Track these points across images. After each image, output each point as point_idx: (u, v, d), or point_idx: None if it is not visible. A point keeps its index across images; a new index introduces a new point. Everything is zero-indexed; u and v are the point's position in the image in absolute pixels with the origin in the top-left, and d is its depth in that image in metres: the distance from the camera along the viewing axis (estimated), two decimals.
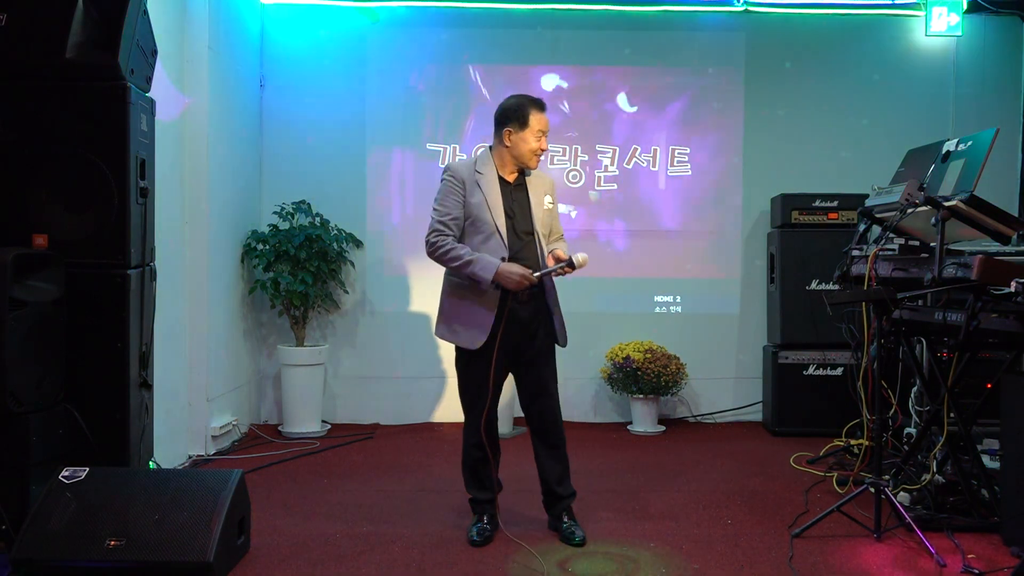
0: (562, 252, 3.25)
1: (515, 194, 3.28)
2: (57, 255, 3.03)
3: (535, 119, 3.22)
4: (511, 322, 3.19)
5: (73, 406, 3.04)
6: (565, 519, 3.30)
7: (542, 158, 3.37)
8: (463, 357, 3.29)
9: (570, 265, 3.17)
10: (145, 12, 3.25)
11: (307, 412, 5.19)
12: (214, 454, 4.61)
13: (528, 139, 3.21)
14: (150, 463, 3.31)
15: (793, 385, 5.16)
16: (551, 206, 3.35)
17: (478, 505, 3.36)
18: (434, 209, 3.25)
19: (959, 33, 5.49)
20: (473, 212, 3.20)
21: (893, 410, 4.16)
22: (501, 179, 3.28)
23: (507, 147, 3.25)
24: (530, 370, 3.29)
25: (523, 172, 3.33)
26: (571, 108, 5.65)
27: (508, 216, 3.23)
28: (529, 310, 3.23)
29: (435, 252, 3.20)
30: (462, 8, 5.56)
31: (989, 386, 3.68)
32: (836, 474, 4.12)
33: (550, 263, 3.24)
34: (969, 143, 3.42)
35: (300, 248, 5.07)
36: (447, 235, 3.19)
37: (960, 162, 3.38)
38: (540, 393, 3.30)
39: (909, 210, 3.41)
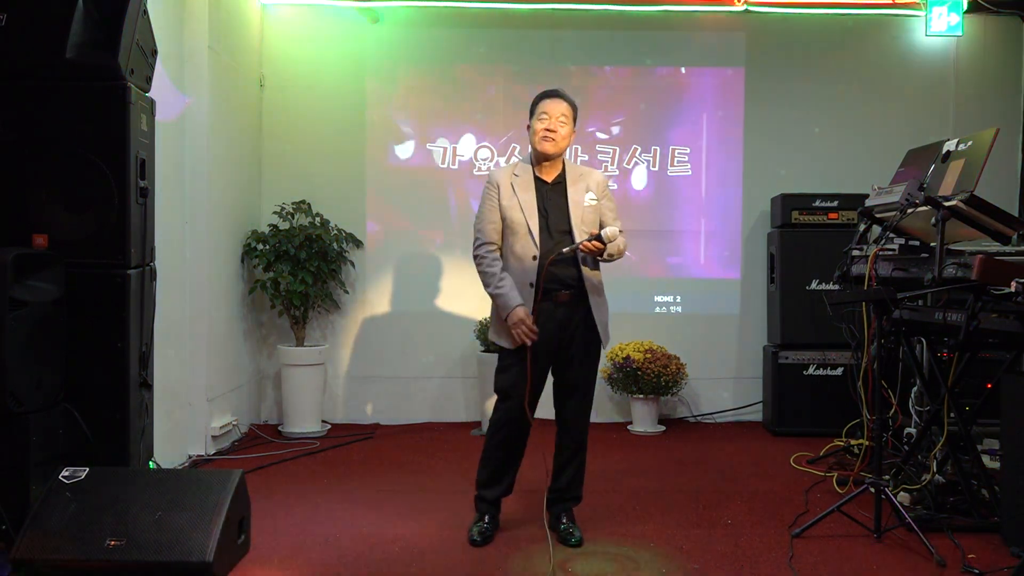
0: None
1: (551, 193, 3.26)
2: (57, 255, 3.02)
3: (538, 106, 3.27)
4: (547, 322, 3.17)
5: (73, 406, 3.03)
6: (564, 520, 3.31)
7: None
8: (502, 356, 3.29)
9: (599, 240, 3.11)
10: (145, 12, 3.25)
11: (307, 412, 5.18)
12: (214, 454, 4.61)
13: (534, 124, 3.26)
14: (150, 463, 3.31)
15: (793, 385, 5.16)
16: (594, 202, 3.26)
17: (483, 504, 3.36)
18: (476, 218, 3.33)
19: (959, 33, 5.48)
20: (507, 214, 3.23)
21: (893, 410, 4.16)
22: (538, 179, 3.28)
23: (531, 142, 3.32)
24: (566, 371, 3.28)
25: (564, 171, 3.31)
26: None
27: (542, 215, 3.22)
28: (565, 311, 3.21)
29: (477, 266, 3.28)
30: (462, 8, 5.56)
31: (989, 386, 3.69)
32: (836, 474, 4.13)
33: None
34: (969, 143, 3.42)
35: (300, 248, 5.07)
36: (485, 244, 3.25)
37: (960, 162, 3.38)
38: (571, 394, 3.30)
39: (909, 210, 3.41)
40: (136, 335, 3.15)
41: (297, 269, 5.08)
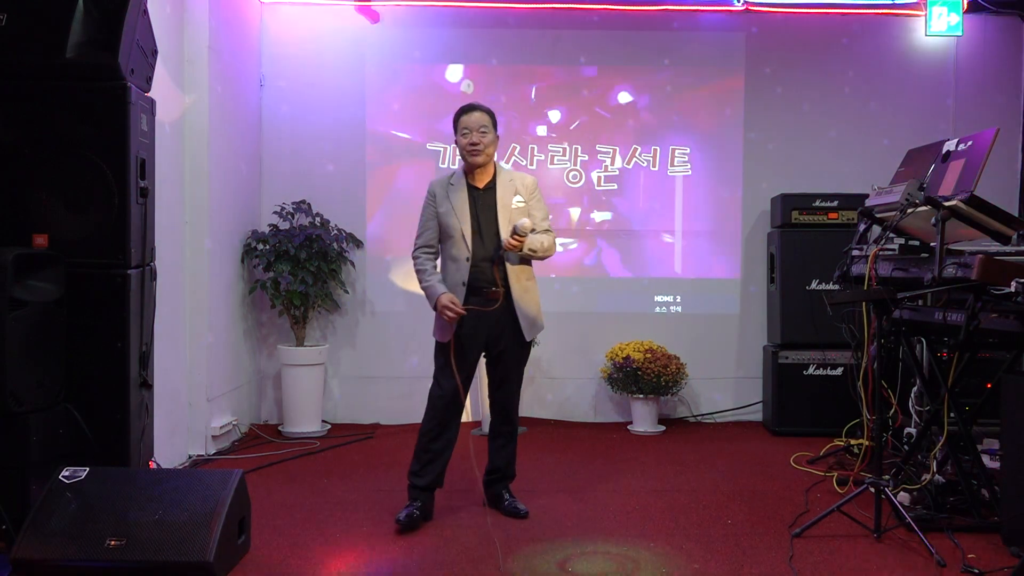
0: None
1: (483, 198, 3.50)
2: (57, 255, 3.03)
3: (459, 122, 3.50)
4: (478, 319, 3.42)
5: (73, 406, 3.04)
6: (506, 496, 3.60)
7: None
8: (437, 349, 3.52)
9: (517, 233, 3.33)
10: (145, 12, 3.25)
11: (307, 412, 5.19)
12: (214, 454, 4.61)
13: (459, 140, 3.50)
14: (150, 463, 3.31)
15: (793, 385, 5.16)
16: (522, 204, 3.50)
17: (413, 491, 3.49)
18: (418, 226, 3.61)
19: (959, 33, 5.48)
20: (443, 220, 3.50)
21: (893, 410, 4.16)
22: (471, 186, 3.52)
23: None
24: (497, 365, 3.56)
25: (495, 176, 3.53)
26: (571, 108, 5.65)
27: (474, 219, 3.47)
28: (497, 309, 3.42)
29: (414, 267, 3.58)
30: (462, 8, 5.56)
31: (989, 386, 3.68)
32: (836, 474, 4.13)
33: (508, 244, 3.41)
34: (969, 143, 3.42)
35: (300, 248, 5.07)
36: (421, 248, 3.55)
37: (960, 162, 3.39)
38: (501, 385, 3.59)
39: (909, 210, 3.41)
40: (136, 335, 3.15)
41: (297, 269, 5.08)
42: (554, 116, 5.65)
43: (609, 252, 5.67)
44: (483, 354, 3.57)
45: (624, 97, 5.66)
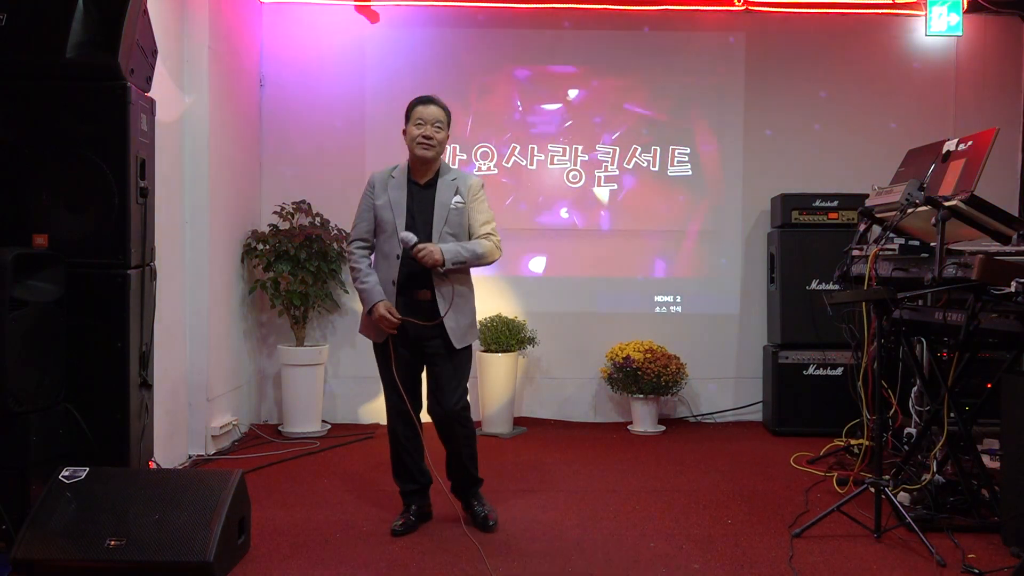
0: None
1: (421, 195, 3.37)
2: (58, 255, 3.03)
3: (414, 112, 3.37)
4: (408, 320, 3.29)
5: (73, 406, 3.04)
6: (475, 505, 3.47)
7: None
8: (375, 351, 3.43)
9: (405, 244, 3.23)
10: (145, 12, 3.25)
11: (307, 412, 5.18)
12: (214, 454, 4.61)
13: (410, 130, 3.35)
14: (150, 463, 3.31)
15: (793, 385, 5.16)
16: (460, 205, 3.37)
17: (405, 497, 3.47)
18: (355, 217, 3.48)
19: (959, 33, 5.48)
20: (379, 214, 3.37)
21: (893, 410, 4.16)
22: (412, 181, 3.39)
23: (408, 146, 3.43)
24: (431, 369, 3.41)
25: (438, 174, 3.41)
26: (571, 108, 5.65)
27: (410, 216, 3.33)
28: (425, 311, 3.30)
29: (348, 262, 3.44)
30: (462, 8, 5.56)
31: (989, 386, 3.68)
32: (836, 474, 4.13)
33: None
34: (969, 143, 3.42)
35: (300, 248, 5.07)
36: (356, 241, 3.41)
37: (960, 162, 3.39)
38: (436, 391, 3.40)
39: (909, 210, 3.41)
40: (136, 335, 3.15)
41: (297, 269, 5.08)
42: (554, 116, 5.65)
43: (609, 252, 5.66)
44: (418, 359, 3.41)
45: (624, 97, 5.66)
